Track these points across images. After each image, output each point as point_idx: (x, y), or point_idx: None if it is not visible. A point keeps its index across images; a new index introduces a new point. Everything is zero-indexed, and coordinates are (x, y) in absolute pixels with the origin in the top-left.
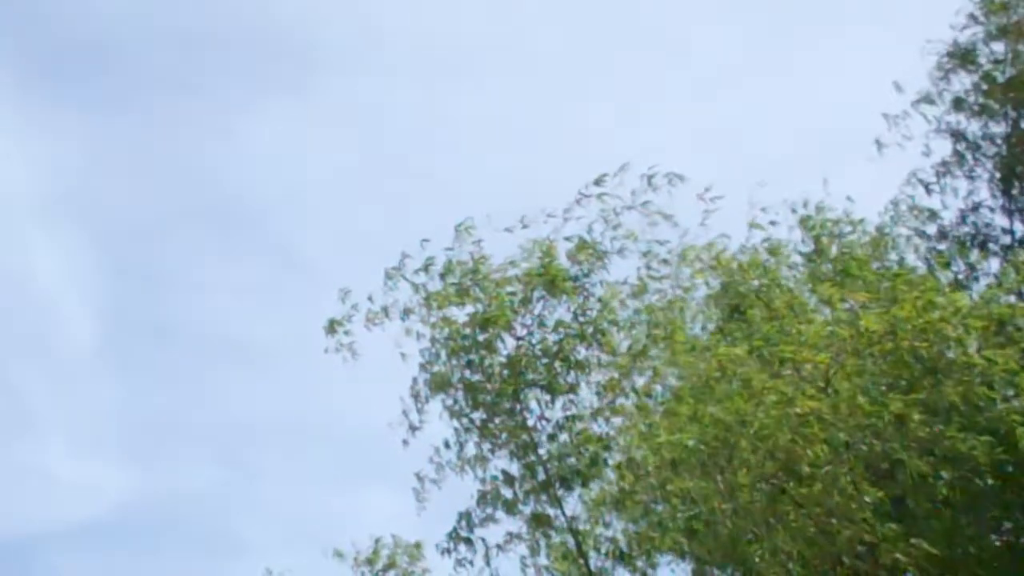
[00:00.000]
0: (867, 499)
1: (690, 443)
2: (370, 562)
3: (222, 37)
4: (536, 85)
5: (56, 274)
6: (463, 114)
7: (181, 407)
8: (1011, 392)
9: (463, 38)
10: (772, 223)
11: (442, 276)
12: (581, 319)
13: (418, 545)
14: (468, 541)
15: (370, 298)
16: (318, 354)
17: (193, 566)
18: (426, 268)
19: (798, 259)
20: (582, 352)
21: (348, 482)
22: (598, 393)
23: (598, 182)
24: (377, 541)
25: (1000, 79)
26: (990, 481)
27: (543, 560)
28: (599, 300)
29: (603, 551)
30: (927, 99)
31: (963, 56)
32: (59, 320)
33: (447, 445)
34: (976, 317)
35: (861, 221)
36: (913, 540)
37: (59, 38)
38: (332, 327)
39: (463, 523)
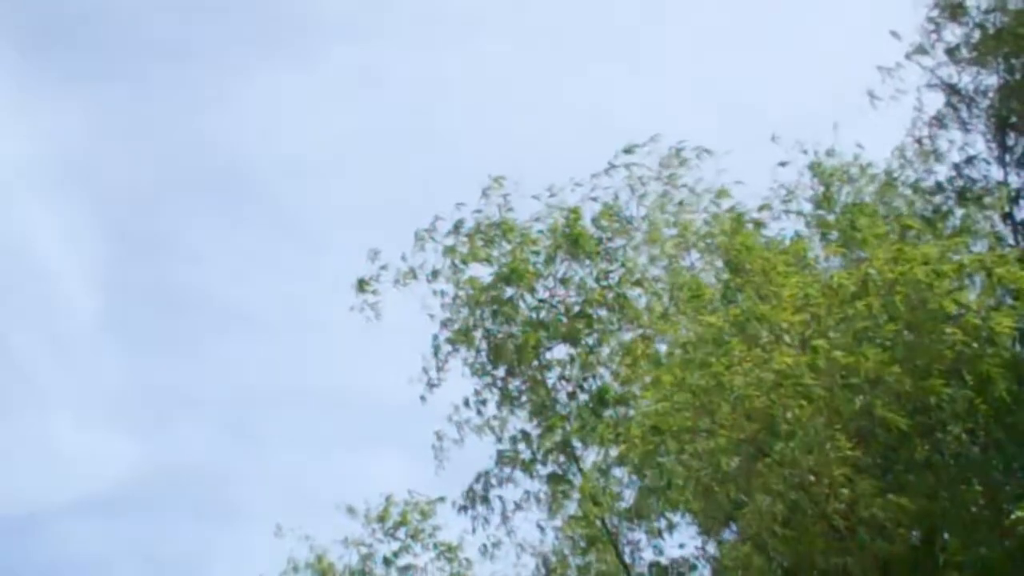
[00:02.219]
0: (846, 455)
1: (671, 410)
2: (381, 519)
3: (222, 3)
4: (541, 49)
5: (57, 245)
6: (466, 79)
7: (185, 376)
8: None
9: (464, 4)
10: (782, 164)
11: (469, 237)
12: (603, 283)
13: (431, 502)
14: (485, 500)
15: (403, 257)
16: (322, 321)
17: (201, 535)
18: (456, 229)
19: (807, 207)
20: (603, 314)
21: (357, 449)
22: (619, 354)
23: (627, 151)
24: (388, 499)
25: (991, 30)
26: (968, 437)
27: (559, 521)
28: (622, 265)
29: (619, 511)
30: (920, 50)
31: (954, 8)
32: (61, 291)
33: (467, 403)
34: (947, 266)
35: (869, 165)
36: (891, 496)
37: (58, 6)
38: (361, 286)
39: (480, 482)
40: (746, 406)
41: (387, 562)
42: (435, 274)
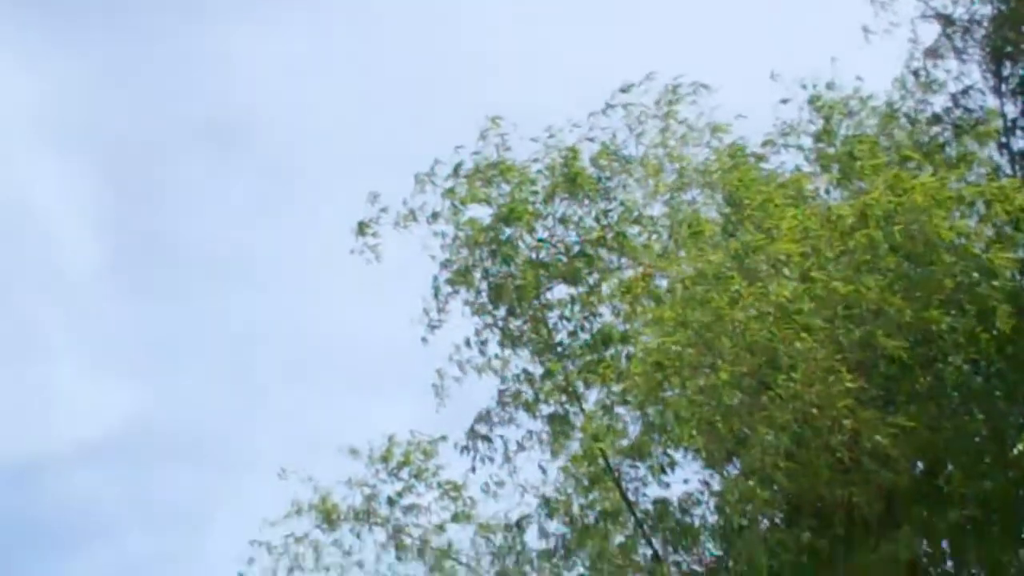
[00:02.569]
0: (848, 386)
1: (674, 348)
2: (384, 459)
3: None
4: None
5: (57, 194)
6: (463, 26)
7: (187, 324)
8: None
9: None
10: (783, 101)
11: (467, 178)
12: (603, 222)
13: (433, 441)
14: (487, 439)
15: (405, 202)
16: (322, 266)
17: (204, 481)
18: (455, 172)
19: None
20: (603, 253)
21: (358, 392)
22: (620, 292)
23: (624, 90)
24: (391, 439)
25: None
26: (970, 367)
27: (561, 461)
28: (621, 204)
29: (622, 449)
30: None
31: None
32: (62, 241)
33: (468, 343)
34: (946, 194)
35: (870, 97)
36: (891, 419)
37: None
38: (361, 229)
39: (482, 422)
40: (747, 339)
41: (391, 502)
42: (435, 216)
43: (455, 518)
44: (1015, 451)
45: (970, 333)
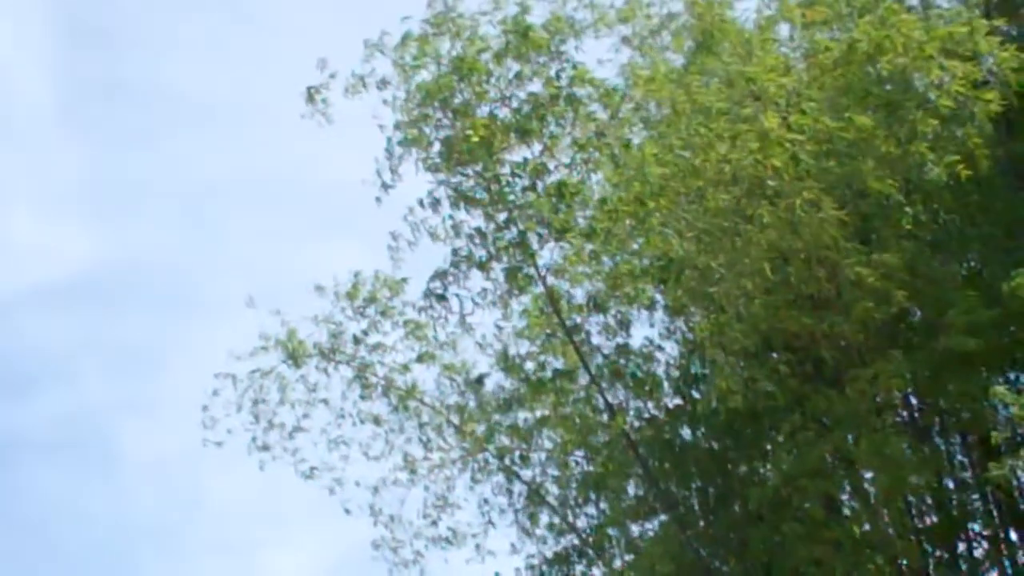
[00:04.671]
0: (832, 213)
1: (656, 173)
2: (350, 297)
3: None
4: None
5: (8, 38)
6: None
7: (143, 168)
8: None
9: None
10: None
11: (418, 39)
12: (556, 82)
13: (400, 281)
14: (442, 298)
15: (354, 74)
16: (281, 111)
17: (163, 326)
18: (403, 43)
19: None
20: (556, 110)
21: (318, 238)
22: (574, 147)
23: None
24: (356, 275)
25: None
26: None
27: (517, 322)
28: (573, 67)
29: (576, 304)
30: None
31: None
32: (15, 86)
33: (422, 204)
34: (935, 32)
35: None
36: (875, 255)
37: None
38: (311, 95)
39: (437, 281)
40: (732, 167)
41: (356, 340)
42: (384, 83)
43: (420, 358)
44: (1001, 287)
45: (952, 172)
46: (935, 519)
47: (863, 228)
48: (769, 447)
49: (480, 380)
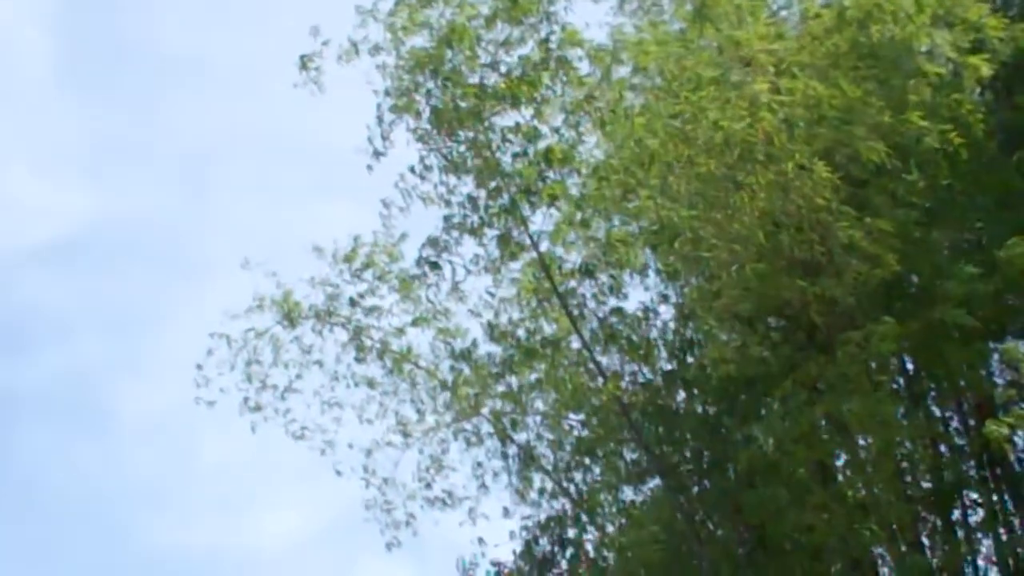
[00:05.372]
0: (824, 176)
1: (650, 141)
2: (348, 260)
3: None
4: None
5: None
6: None
7: (141, 129)
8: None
9: None
10: None
11: (409, 5)
12: (546, 47)
13: (396, 243)
14: (435, 265)
15: (350, 41)
16: (278, 74)
17: (156, 286)
18: (396, 8)
19: None
20: (546, 76)
21: (316, 200)
22: (564, 111)
23: None
24: (355, 239)
25: None
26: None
27: (509, 289)
28: (563, 28)
29: (568, 269)
30: None
31: None
32: (14, 46)
33: (412, 171)
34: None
35: None
36: (868, 219)
37: None
38: (304, 63)
39: (429, 248)
40: (724, 133)
41: (352, 303)
42: (377, 49)
43: (415, 322)
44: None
45: (945, 139)
46: (929, 485)
47: (856, 195)
48: (763, 412)
49: (472, 347)
